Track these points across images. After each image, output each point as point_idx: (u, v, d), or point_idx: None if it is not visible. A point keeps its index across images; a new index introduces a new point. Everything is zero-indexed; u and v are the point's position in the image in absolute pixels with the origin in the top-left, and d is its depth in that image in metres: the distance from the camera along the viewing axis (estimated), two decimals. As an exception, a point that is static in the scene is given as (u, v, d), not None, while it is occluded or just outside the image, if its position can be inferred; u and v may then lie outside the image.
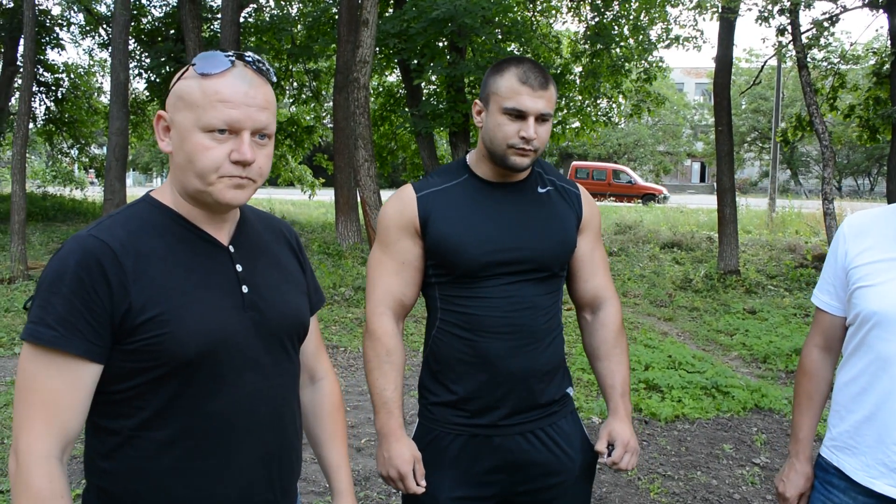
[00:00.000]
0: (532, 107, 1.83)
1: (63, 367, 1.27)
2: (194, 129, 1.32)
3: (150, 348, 1.30)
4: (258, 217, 1.59)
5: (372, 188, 9.96)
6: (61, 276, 1.27)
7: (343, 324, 7.91)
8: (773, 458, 4.48)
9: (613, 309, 2.08)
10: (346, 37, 12.07)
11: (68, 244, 1.31)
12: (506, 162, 1.88)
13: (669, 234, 15.75)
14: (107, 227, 1.34)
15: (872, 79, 11.99)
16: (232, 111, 1.32)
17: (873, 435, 1.72)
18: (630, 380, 2.11)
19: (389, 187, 28.11)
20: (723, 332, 7.97)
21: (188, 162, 1.34)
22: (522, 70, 1.85)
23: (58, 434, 1.27)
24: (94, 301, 1.27)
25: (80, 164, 24.34)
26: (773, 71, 23.03)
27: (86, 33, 19.99)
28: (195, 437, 1.35)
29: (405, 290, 1.96)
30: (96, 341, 1.28)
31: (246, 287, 1.42)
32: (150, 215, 1.39)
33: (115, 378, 1.32)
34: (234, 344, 1.37)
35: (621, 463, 1.95)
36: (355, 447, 4.51)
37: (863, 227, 1.82)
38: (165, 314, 1.30)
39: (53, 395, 1.26)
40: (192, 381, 1.34)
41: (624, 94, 16.98)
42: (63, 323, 1.25)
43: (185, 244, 1.38)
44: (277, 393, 1.46)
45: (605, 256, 2.11)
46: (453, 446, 1.93)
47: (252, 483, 1.42)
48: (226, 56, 1.35)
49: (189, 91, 1.34)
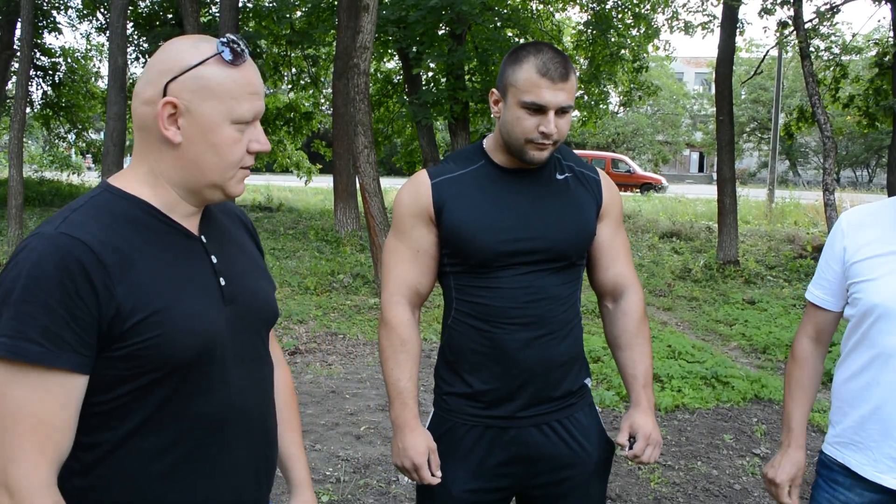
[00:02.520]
0: (552, 100, 1.75)
1: (52, 385, 1.13)
2: (224, 122, 1.25)
3: (142, 353, 1.19)
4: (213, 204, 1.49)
5: (371, 175, 9.91)
6: (37, 283, 1.12)
7: (342, 311, 7.88)
8: (773, 449, 4.48)
9: (636, 297, 2.01)
10: (347, 22, 11.98)
11: (35, 244, 1.15)
12: (524, 157, 1.82)
13: (668, 223, 15.73)
14: (77, 222, 1.19)
15: (874, 70, 11.95)
16: (257, 102, 1.28)
17: (879, 429, 1.70)
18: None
19: (385, 174, 28.04)
20: (722, 323, 7.96)
21: (213, 155, 1.26)
22: (542, 61, 1.75)
23: (53, 459, 1.15)
24: (78, 308, 1.13)
25: (77, 149, 24.24)
26: (773, 61, 22.96)
27: (83, 17, 19.87)
28: (186, 441, 1.27)
29: (420, 279, 1.92)
30: (84, 352, 1.15)
31: (223, 279, 1.34)
32: (119, 207, 1.25)
33: (100, 389, 1.20)
34: (222, 340, 1.29)
35: (643, 456, 1.90)
36: (354, 434, 4.50)
37: (861, 221, 1.81)
38: (156, 315, 1.20)
39: (44, 418, 1.13)
40: (183, 384, 1.25)
41: (616, 84, 16.92)
42: (48, 335, 1.12)
43: (160, 237, 1.27)
44: (262, 387, 1.41)
45: (626, 243, 2.04)
46: (468, 438, 1.89)
47: (243, 483, 1.37)
48: (234, 44, 1.25)
49: (220, 80, 1.23)
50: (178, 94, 1.23)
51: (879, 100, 11.66)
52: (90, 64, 22.40)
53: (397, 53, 15.69)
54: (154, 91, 1.24)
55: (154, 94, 1.24)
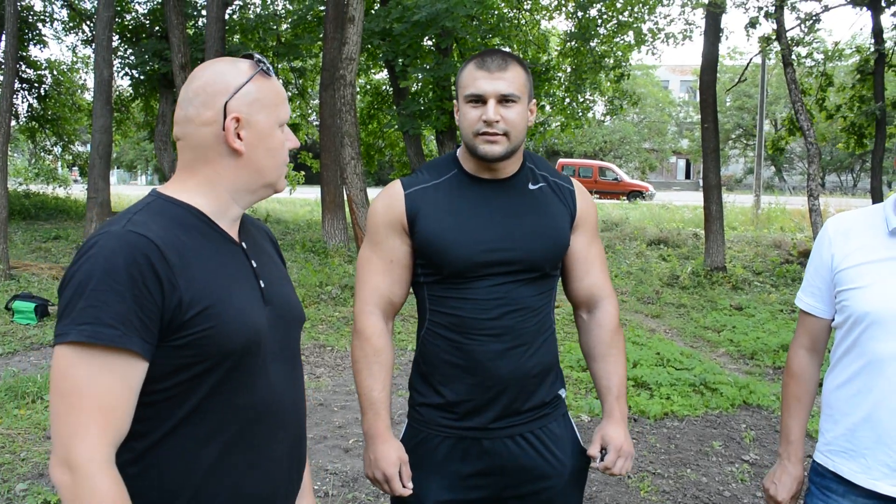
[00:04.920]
0: (489, 89, 1.78)
1: (120, 367, 1.24)
2: (275, 127, 1.44)
3: (198, 342, 1.30)
4: (245, 218, 1.63)
5: (359, 186, 9.92)
6: (110, 273, 1.23)
7: (330, 322, 7.86)
8: (763, 455, 4.49)
9: (610, 308, 2.02)
10: (333, 34, 12.00)
11: (106, 241, 1.27)
12: (476, 151, 1.83)
13: (656, 230, 15.79)
14: (141, 222, 1.31)
15: (856, 76, 12.07)
16: (288, 107, 1.49)
17: (871, 436, 1.70)
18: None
19: (377, 185, 28.02)
20: (710, 329, 7.99)
21: (271, 157, 1.44)
22: (480, 57, 1.83)
23: (114, 438, 1.24)
24: (146, 298, 1.25)
25: (64, 162, 24.11)
26: (757, 69, 23.14)
27: (69, 29, 19.83)
28: (231, 431, 1.36)
29: (394, 289, 1.92)
30: (149, 339, 1.26)
31: (262, 282, 1.47)
32: (172, 211, 1.38)
33: (157, 377, 1.30)
34: (264, 336, 1.41)
35: (614, 468, 1.92)
36: (343, 448, 4.48)
37: (847, 228, 1.81)
38: (212, 308, 1.32)
39: (109, 397, 1.23)
40: (230, 375, 1.35)
41: (601, 92, 16.99)
42: (122, 320, 1.23)
43: (209, 240, 1.40)
44: (296, 385, 1.52)
45: (601, 254, 2.04)
46: (441, 449, 1.89)
47: (280, 475, 1.46)
48: (262, 61, 1.46)
49: (266, 92, 1.42)
50: (237, 109, 1.39)
51: (863, 108, 11.78)
52: (76, 76, 22.30)
53: (385, 65, 15.71)
54: (213, 112, 1.38)
55: (214, 115, 1.38)
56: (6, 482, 3.89)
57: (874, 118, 11.23)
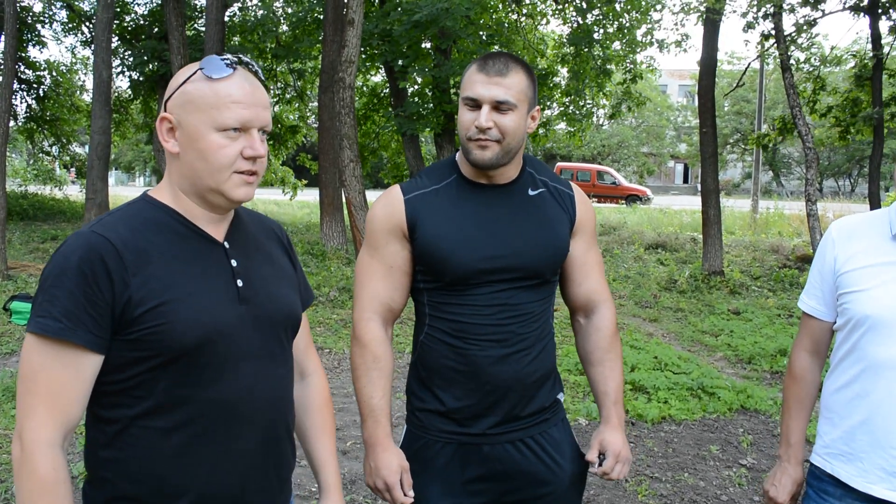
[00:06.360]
0: (485, 94, 1.76)
1: (67, 358, 1.33)
2: (209, 130, 1.40)
3: (149, 338, 1.36)
4: (250, 216, 1.64)
5: (357, 188, 9.92)
6: (64, 271, 1.33)
7: (328, 325, 7.86)
8: (760, 459, 4.49)
9: (608, 313, 2.02)
10: (332, 36, 12.00)
11: (71, 241, 1.37)
12: (468, 156, 1.81)
13: (654, 235, 15.80)
14: (109, 224, 1.40)
15: (853, 81, 12.10)
16: (244, 111, 1.41)
17: (869, 440, 1.71)
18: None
19: (372, 187, 28.00)
20: (708, 333, 8.00)
21: (202, 161, 1.42)
22: (483, 60, 1.80)
23: (61, 422, 1.33)
24: (95, 294, 1.33)
25: (62, 163, 24.08)
26: (755, 73, 23.18)
27: (68, 30, 19.78)
28: (195, 424, 1.41)
29: (393, 295, 1.91)
30: (98, 333, 1.34)
31: (241, 281, 1.48)
32: (149, 213, 1.45)
33: (115, 368, 1.38)
34: (229, 335, 1.43)
35: (612, 473, 1.91)
36: (341, 450, 4.48)
37: (851, 231, 1.82)
38: (164, 305, 1.36)
39: (57, 385, 1.33)
40: (191, 371, 1.39)
41: (607, 96, 16.98)
42: (68, 315, 1.32)
43: (183, 241, 1.45)
44: (274, 383, 1.52)
45: (599, 259, 2.04)
46: (442, 455, 1.89)
47: (250, 470, 1.48)
48: (228, 61, 1.43)
49: (200, 93, 1.41)
50: (171, 109, 1.43)
51: (856, 110, 11.80)
52: (75, 77, 22.27)
53: (383, 67, 15.71)
54: (161, 113, 1.46)
55: (160, 115, 1.45)
56: (3, 482, 3.88)
57: (871, 123, 11.25)
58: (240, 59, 1.45)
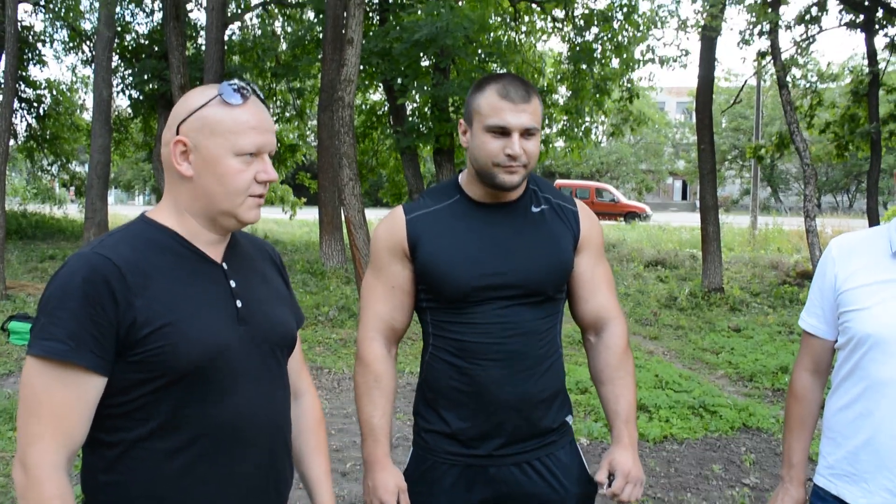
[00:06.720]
0: (515, 122, 1.77)
1: (71, 380, 1.32)
2: (228, 155, 1.43)
3: (153, 359, 1.36)
4: (245, 237, 1.66)
5: (356, 207, 9.92)
6: (68, 293, 1.33)
7: (327, 345, 7.82)
8: (763, 479, 4.46)
9: (618, 329, 1.98)
10: (331, 55, 12.06)
11: (73, 262, 1.36)
12: (494, 180, 1.81)
13: (653, 252, 15.80)
14: (110, 245, 1.40)
15: (850, 97, 12.16)
16: (259, 137, 1.45)
17: (873, 461, 1.69)
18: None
19: (371, 205, 28.03)
20: (708, 351, 7.97)
21: (220, 185, 1.43)
22: (502, 85, 1.79)
23: (65, 445, 1.33)
24: (100, 316, 1.32)
25: (61, 182, 24.13)
26: (752, 90, 23.28)
27: (69, 49, 19.88)
28: (198, 445, 1.41)
29: (395, 315, 1.92)
30: (102, 355, 1.33)
31: (240, 301, 1.49)
32: (149, 234, 1.46)
33: (119, 391, 1.37)
34: (230, 355, 1.44)
35: (622, 494, 1.87)
36: (340, 472, 4.44)
37: (851, 249, 1.81)
38: (168, 327, 1.37)
39: (62, 408, 1.32)
40: (193, 392, 1.40)
41: (605, 114, 17.02)
42: (72, 337, 1.31)
43: (183, 261, 1.45)
44: (274, 403, 1.53)
45: (608, 274, 2.01)
46: (448, 476, 1.87)
47: (252, 491, 1.49)
48: (242, 88, 1.45)
49: (219, 119, 1.43)
50: (186, 133, 1.43)
51: (853, 126, 11.85)
52: (75, 96, 22.38)
53: (382, 85, 15.76)
54: (170, 134, 1.45)
55: (170, 137, 1.45)
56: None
57: (868, 138, 11.29)
58: (249, 86, 1.48)
